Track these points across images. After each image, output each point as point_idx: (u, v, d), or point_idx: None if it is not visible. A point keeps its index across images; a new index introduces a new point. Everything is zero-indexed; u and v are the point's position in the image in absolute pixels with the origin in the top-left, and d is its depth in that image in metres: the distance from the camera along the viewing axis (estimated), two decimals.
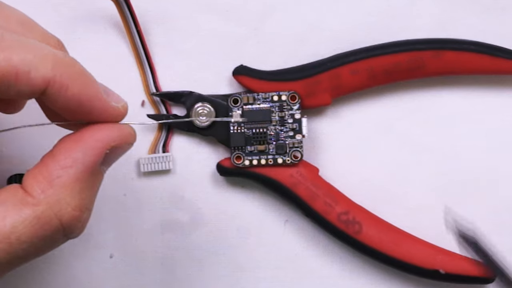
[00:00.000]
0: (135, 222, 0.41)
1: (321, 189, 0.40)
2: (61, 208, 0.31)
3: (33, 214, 0.31)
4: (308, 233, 0.42)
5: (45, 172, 0.31)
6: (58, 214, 0.31)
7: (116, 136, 0.33)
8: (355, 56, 0.40)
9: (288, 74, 0.41)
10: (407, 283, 0.41)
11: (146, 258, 0.41)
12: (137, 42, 0.40)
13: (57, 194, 0.31)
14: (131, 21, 0.40)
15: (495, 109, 0.42)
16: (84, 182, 0.32)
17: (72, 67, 0.32)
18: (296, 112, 0.40)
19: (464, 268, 0.40)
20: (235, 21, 0.41)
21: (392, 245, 0.40)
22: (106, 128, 0.33)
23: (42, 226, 0.31)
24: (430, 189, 0.42)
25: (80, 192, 0.32)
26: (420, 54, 0.40)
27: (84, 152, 0.32)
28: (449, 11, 0.41)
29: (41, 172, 0.31)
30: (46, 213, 0.31)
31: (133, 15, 0.40)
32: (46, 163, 0.32)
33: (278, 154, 0.40)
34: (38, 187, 0.31)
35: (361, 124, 0.42)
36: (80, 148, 0.32)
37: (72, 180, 0.32)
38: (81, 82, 0.32)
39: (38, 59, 0.30)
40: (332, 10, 0.41)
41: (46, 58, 0.31)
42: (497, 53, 0.40)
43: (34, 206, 0.31)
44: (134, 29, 0.40)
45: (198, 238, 0.42)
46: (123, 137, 0.33)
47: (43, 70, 0.31)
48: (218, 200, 0.42)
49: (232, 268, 0.42)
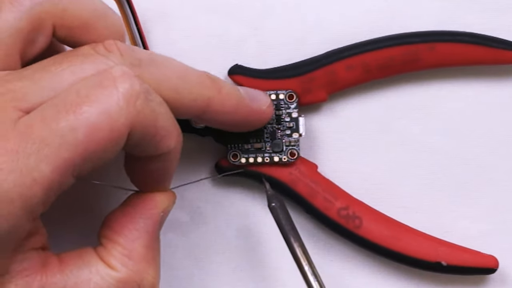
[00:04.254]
0: None
1: (320, 185, 0.40)
2: (143, 278, 0.33)
3: (116, 284, 0.33)
4: (308, 230, 0.42)
5: (118, 247, 0.33)
6: (140, 284, 0.33)
7: (165, 198, 0.35)
8: (350, 51, 0.40)
9: (283, 72, 0.41)
10: (409, 277, 0.41)
11: None
12: (138, 41, 0.40)
13: (137, 265, 0.33)
14: (132, 20, 0.40)
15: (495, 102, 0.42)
16: (154, 249, 0.34)
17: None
18: (294, 111, 0.40)
19: (466, 260, 0.40)
20: (235, 21, 0.42)
21: (393, 239, 0.40)
22: (156, 195, 0.35)
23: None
24: (429, 186, 0.42)
25: (154, 259, 0.34)
26: (415, 47, 0.40)
27: (144, 222, 0.34)
28: (449, 10, 0.42)
29: (114, 248, 0.33)
30: (130, 284, 0.33)
31: (134, 14, 0.40)
32: (113, 240, 0.34)
33: (274, 152, 0.40)
34: (116, 261, 0.33)
35: (358, 120, 0.42)
36: (141, 219, 0.34)
37: (145, 250, 0.34)
38: (232, 104, 0.36)
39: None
40: (332, 10, 0.42)
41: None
42: (491, 43, 0.40)
43: (117, 275, 0.33)
44: (134, 27, 0.40)
45: (198, 238, 0.41)
46: (171, 198, 0.36)
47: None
48: (218, 200, 0.42)
49: (232, 267, 0.42)
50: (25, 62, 0.34)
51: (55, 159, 0.30)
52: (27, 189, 0.29)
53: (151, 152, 0.33)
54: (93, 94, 0.30)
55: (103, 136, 0.30)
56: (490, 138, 0.42)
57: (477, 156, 0.42)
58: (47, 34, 0.34)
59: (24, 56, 0.33)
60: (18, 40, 0.33)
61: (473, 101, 0.42)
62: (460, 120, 0.42)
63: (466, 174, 0.42)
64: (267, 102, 0.39)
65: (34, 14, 0.33)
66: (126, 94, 0.31)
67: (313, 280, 0.37)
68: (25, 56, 0.34)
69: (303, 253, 0.38)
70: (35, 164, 0.29)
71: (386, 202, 0.42)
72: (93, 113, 0.30)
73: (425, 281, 0.41)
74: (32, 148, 0.29)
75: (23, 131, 0.30)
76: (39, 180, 0.29)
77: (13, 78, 0.32)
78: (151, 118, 0.32)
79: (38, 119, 0.30)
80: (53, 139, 0.30)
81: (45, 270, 0.32)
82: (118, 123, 0.30)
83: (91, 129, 0.30)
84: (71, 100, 0.30)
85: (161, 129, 0.32)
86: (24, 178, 0.29)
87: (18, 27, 0.33)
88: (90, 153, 0.30)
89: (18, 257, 0.31)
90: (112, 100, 0.30)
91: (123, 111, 0.30)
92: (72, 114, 0.30)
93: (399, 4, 0.42)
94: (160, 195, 0.35)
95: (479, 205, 0.42)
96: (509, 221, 0.42)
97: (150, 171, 0.34)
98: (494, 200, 0.42)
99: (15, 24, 0.33)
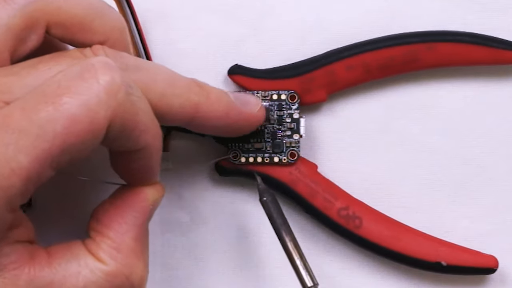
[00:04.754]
0: None
1: (320, 185, 0.40)
2: (132, 271, 0.33)
3: (105, 277, 0.33)
4: (308, 230, 0.42)
5: (107, 240, 0.33)
6: (130, 277, 0.33)
7: (154, 191, 0.35)
8: (349, 51, 0.40)
9: (283, 72, 0.41)
10: (409, 277, 0.41)
11: None
12: (137, 41, 0.40)
13: (126, 258, 0.33)
14: (131, 20, 0.40)
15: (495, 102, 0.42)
16: (143, 242, 0.34)
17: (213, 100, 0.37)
18: (295, 112, 0.40)
19: (466, 260, 0.40)
20: (234, 21, 0.42)
21: (393, 239, 0.40)
22: (145, 189, 0.35)
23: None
24: (429, 186, 0.42)
25: (142, 252, 0.34)
26: (414, 47, 0.40)
27: (134, 215, 0.34)
28: (449, 10, 0.42)
29: (103, 241, 0.33)
30: (119, 277, 0.33)
31: (133, 14, 0.40)
32: (102, 233, 0.33)
33: (274, 152, 0.40)
34: (105, 255, 0.33)
35: (358, 120, 0.42)
36: (130, 212, 0.34)
37: (134, 243, 0.34)
38: (222, 109, 0.37)
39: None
40: (332, 10, 0.42)
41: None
42: (491, 43, 0.40)
43: (106, 269, 0.33)
44: (134, 27, 0.40)
45: (198, 237, 0.41)
46: (160, 191, 0.35)
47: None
48: (218, 199, 0.42)
49: (232, 267, 0.42)
50: (15, 60, 0.34)
51: (34, 150, 0.29)
52: (5, 179, 0.29)
53: (130, 146, 0.33)
54: (74, 86, 0.30)
55: (82, 128, 0.30)
56: (490, 138, 0.42)
57: (477, 156, 0.42)
58: (40, 33, 0.34)
59: (14, 54, 0.33)
60: (9, 37, 0.33)
61: (473, 101, 0.42)
62: (460, 120, 0.42)
63: (466, 174, 0.42)
64: (258, 105, 0.39)
65: (27, 12, 0.33)
66: (107, 87, 0.30)
67: (304, 274, 0.37)
68: (15, 54, 0.34)
69: (294, 247, 0.38)
70: (13, 154, 0.29)
71: (386, 202, 0.42)
72: (73, 105, 0.30)
73: (425, 281, 0.41)
74: (11, 138, 0.29)
75: (2, 121, 0.30)
76: (17, 171, 0.29)
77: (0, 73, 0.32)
78: (131, 111, 0.31)
79: (18, 109, 0.30)
80: (32, 129, 0.29)
81: (33, 263, 0.32)
82: (98, 115, 0.30)
83: (71, 120, 0.30)
84: (52, 91, 0.30)
85: (140, 124, 0.32)
86: (2, 168, 0.29)
87: (10, 25, 0.33)
88: (69, 145, 0.30)
89: (5, 250, 0.31)
90: (92, 92, 0.30)
91: (103, 104, 0.30)
92: (52, 105, 0.30)
93: (399, 4, 0.42)
94: (149, 189, 0.35)
95: (479, 205, 0.42)
96: (509, 221, 0.42)
97: (133, 166, 0.34)
98: (494, 200, 0.42)
99: (7, 22, 0.33)
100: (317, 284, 0.38)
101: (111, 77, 0.31)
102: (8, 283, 0.31)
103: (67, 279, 0.32)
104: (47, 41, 0.35)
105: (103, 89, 0.30)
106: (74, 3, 0.34)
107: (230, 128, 0.38)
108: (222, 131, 0.38)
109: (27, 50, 0.34)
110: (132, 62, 0.34)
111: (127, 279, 0.33)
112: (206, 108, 0.36)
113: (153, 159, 0.34)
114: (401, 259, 0.40)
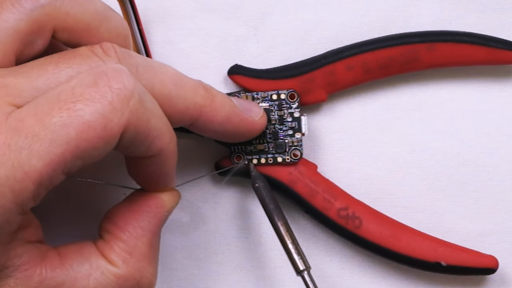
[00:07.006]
0: None
1: (320, 185, 0.40)
2: (142, 275, 0.33)
3: (116, 280, 0.33)
4: (308, 230, 0.42)
5: (120, 243, 0.33)
6: (140, 282, 0.33)
7: (171, 197, 0.35)
8: (349, 51, 0.40)
9: (283, 72, 0.41)
10: (409, 277, 0.41)
11: None
12: (138, 40, 0.40)
13: (138, 263, 0.33)
14: (133, 20, 0.40)
15: (495, 102, 0.42)
16: (155, 248, 0.34)
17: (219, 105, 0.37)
18: (295, 111, 0.40)
19: (466, 260, 0.40)
20: (235, 21, 0.42)
21: (392, 239, 0.40)
22: (162, 195, 0.35)
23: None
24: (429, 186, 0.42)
25: (154, 257, 0.34)
26: (414, 47, 0.40)
27: (149, 220, 0.34)
28: (449, 11, 0.42)
29: (117, 244, 0.33)
30: (129, 281, 0.33)
31: (136, 14, 0.40)
32: (116, 235, 0.34)
33: (277, 153, 0.40)
34: (118, 258, 0.33)
35: (358, 120, 0.42)
36: (146, 216, 0.34)
37: (147, 248, 0.34)
38: (224, 114, 0.37)
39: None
40: (332, 10, 0.42)
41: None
42: (491, 43, 0.40)
43: (118, 272, 0.33)
44: (136, 27, 0.40)
45: (198, 238, 0.41)
46: (176, 198, 0.36)
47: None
48: (218, 200, 0.42)
49: (232, 267, 0.42)
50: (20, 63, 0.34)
51: (47, 155, 0.30)
52: (18, 183, 0.30)
53: (144, 152, 0.33)
54: (88, 93, 0.30)
55: (96, 134, 0.30)
56: (490, 138, 0.42)
57: (477, 156, 0.42)
58: (46, 37, 0.34)
59: (19, 57, 0.34)
60: (16, 40, 0.33)
61: (473, 101, 0.42)
62: (460, 120, 0.42)
63: (466, 174, 0.42)
64: (259, 113, 0.39)
65: (35, 17, 0.33)
66: (121, 94, 0.31)
67: (297, 258, 0.38)
68: (21, 57, 0.34)
69: (286, 231, 0.38)
70: (27, 159, 0.29)
71: (386, 202, 0.42)
72: (87, 112, 0.30)
73: (425, 281, 0.41)
74: (24, 143, 0.30)
75: (15, 125, 0.30)
76: (30, 175, 0.30)
77: (8, 74, 0.32)
78: (144, 118, 0.32)
79: (31, 113, 0.30)
80: (46, 134, 0.30)
81: (45, 264, 0.32)
82: (111, 122, 0.31)
83: (84, 127, 0.30)
84: (65, 97, 0.30)
85: (153, 130, 0.32)
86: (15, 172, 0.29)
87: (17, 28, 0.33)
88: (81, 150, 0.30)
89: (18, 251, 0.31)
90: (105, 100, 0.30)
91: (116, 111, 0.31)
92: (66, 111, 0.30)
93: (399, 4, 0.42)
94: (166, 195, 0.35)
95: (479, 205, 0.42)
96: (509, 221, 0.42)
97: (148, 172, 0.34)
98: (494, 200, 0.42)
99: (15, 25, 0.33)
100: (310, 267, 0.38)
101: (123, 84, 0.31)
102: (20, 283, 0.31)
103: (78, 281, 0.32)
104: (52, 44, 0.35)
105: (116, 97, 0.31)
106: (81, 9, 0.34)
107: (231, 133, 0.38)
108: (222, 135, 0.38)
109: (33, 53, 0.34)
110: (142, 62, 0.34)
111: (137, 283, 0.33)
112: (210, 111, 0.36)
113: (168, 164, 0.34)
114: (401, 259, 0.40)
